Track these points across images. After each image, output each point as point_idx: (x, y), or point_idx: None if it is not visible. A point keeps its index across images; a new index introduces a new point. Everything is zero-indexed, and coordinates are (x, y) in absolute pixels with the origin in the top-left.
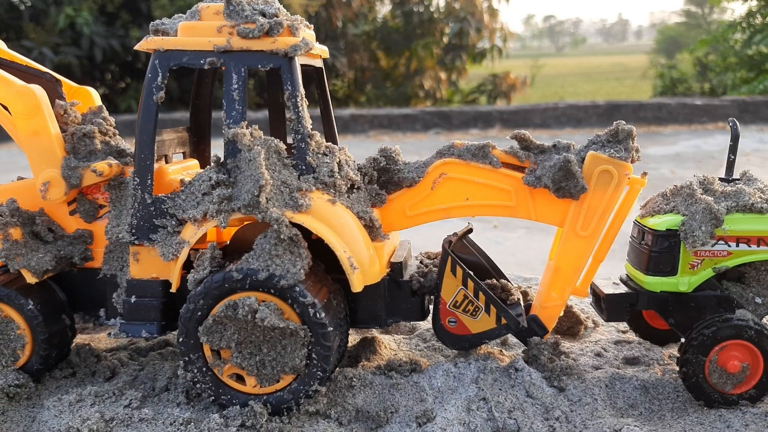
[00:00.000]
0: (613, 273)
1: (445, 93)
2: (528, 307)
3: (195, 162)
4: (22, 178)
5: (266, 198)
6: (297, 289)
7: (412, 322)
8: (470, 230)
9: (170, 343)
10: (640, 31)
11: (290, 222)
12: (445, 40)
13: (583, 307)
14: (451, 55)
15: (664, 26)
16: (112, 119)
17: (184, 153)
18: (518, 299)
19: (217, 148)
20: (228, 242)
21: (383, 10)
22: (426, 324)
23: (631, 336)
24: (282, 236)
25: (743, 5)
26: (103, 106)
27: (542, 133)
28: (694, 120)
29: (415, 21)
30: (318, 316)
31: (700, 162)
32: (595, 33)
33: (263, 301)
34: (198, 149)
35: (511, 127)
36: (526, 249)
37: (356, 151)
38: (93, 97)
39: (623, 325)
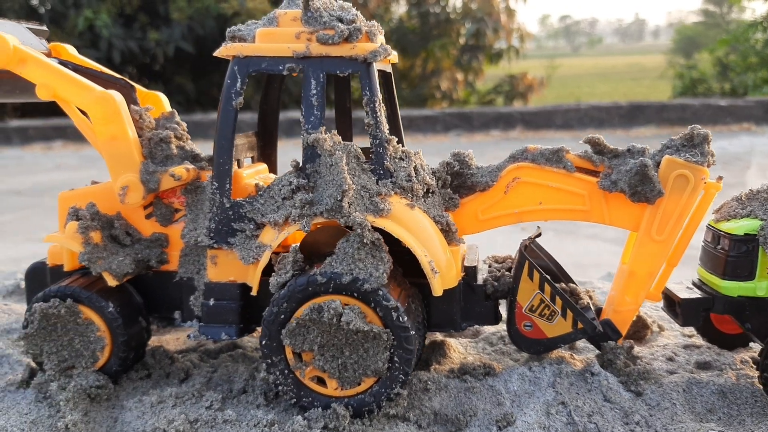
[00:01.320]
0: (677, 277)
1: (461, 94)
2: (596, 311)
3: (264, 166)
4: (96, 182)
5: (348, 202)
6: (380, 292)
7: (476, 326)
8: (539, 234)
9: (239, 345)
10: (657, 30)
11: (372, 226)
12: (462, 40)
13: (647, 310)
14: (468, 56)
15: (682, 26)
16: (184, 124)
17: (252, 157)
18: (588, 303)
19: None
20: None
21: (399, 10)
22: (490, 328)
23: (698, 340)
24: (365, 240)
25: (764, 4)
26: (175, 111)
27: (564, 135)
28: (718, 121)
29: (431, 21)
30: (401, 319)
31: (727, 164)
32: (611, 33)
33: (346, 305)
34: (265, 153)
35: (532, 128)
36: (558, 254)
37: None
38: (163, 102)
39: (688, 330)
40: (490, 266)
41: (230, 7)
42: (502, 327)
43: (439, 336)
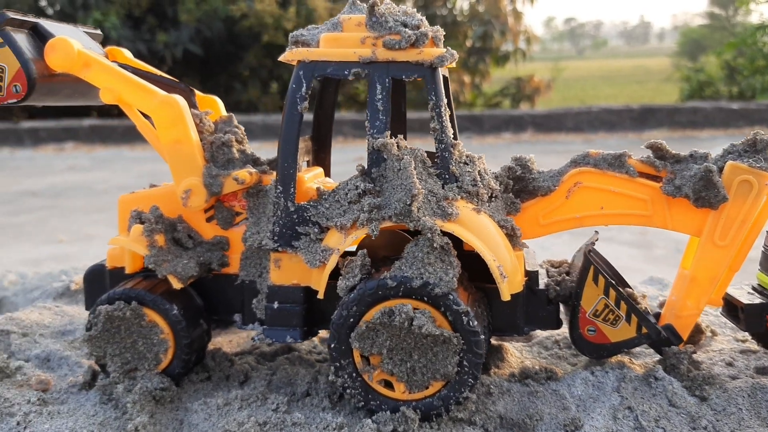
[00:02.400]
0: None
1: (468, 96)
2: (654, 315)
3: (320, 170)
4: (154, 185)
5: (417, 207)
6: (450, 296)
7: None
8: (596, 239)
9: (294, 348)
10: (663, 33)
11: (440, 231)
12: (469, 43)
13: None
14: (475, 58)
15: (687, 28)
16: (242, 128)
17: (308, 161)
18: (646, 308)
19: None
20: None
21: None
22: (543, 332)
23: (753, 345)
24: (435, 245)
25: None
26: (233, 115)
27: (576, 138)
28: (730, 124)
29: (438, 24)
30: (471, 324)
31: None
32: (616, 35)
33: (417, 309)
34: (319, 157)
35: (543, 131)
36: (571, 255)
37: None
38: (219, 105)
39: (741, 334)
40: (548, 271)
41: (238, 9)
42: (555, 331)
43: (492, 340)
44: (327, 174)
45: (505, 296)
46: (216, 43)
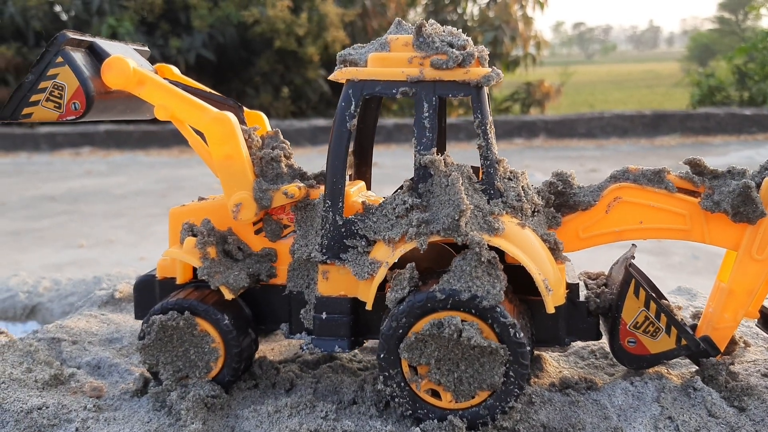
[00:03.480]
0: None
1: None
2: (691, 327)
3: (362, 183)
4: (203, 198)
5: (465, 222)
6: (498, 309)
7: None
8: (634, 253)
9: (336, 357)
10: (672, 38)
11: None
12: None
13: None
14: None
15: (697, 33)
16: (288, 143)
17: (350, 175)
18: (682, 319)
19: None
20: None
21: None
22: (580, 343)
23: None
24: (482, 259)
25: None
26: (279, 131)
27: (588, 143)
28: (743, 130)
29: None
30: (517, 336)
31: None
32: (625, 40)
33: (465, 321)
34: (360, 171)
35: (555, 136)
36: (591, 263)
37: (402, 160)
38: (265, 121)
39: None
40: (585, 283)
41: (250, 15)
42: (592, 342)
43: None
44: (368, 188)
45: (550, 309)
46: (228, 49)
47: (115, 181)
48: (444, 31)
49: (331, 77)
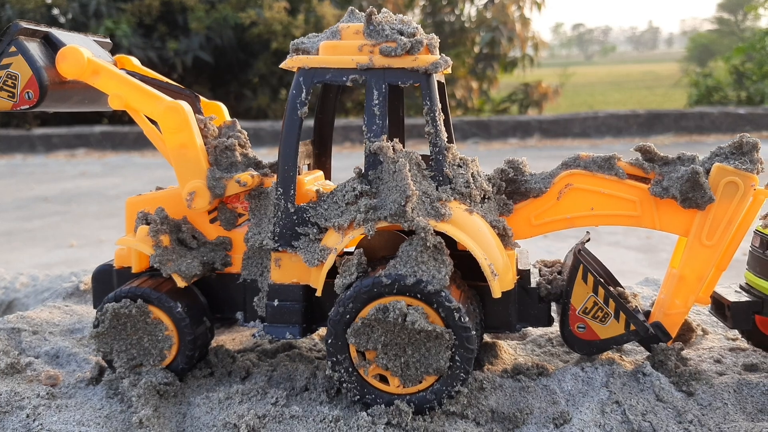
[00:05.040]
0: (723, 281)
1: (476, 102)
2: (644, 313)
3: (320, 173)
4: (160, 188)
5: (411, 208)
6: (443, 294)
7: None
8: (588, 239)
9: (295, 345)
10: (671, 38)
11: (434, 230)
12: (477, 49)
13: (690, 314)
14: (483, 65)
15: (696, 34)
16: (245, 132)
17: (308, 164)
18: (636, 306)
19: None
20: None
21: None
22: (537, 330)
23: (743, 343)
24: (428, 244)
25: None
26: (236, 120)
27: (582, 143)
28: (737, 129)
29: (446, 31)
30: (463, 320)
31: None
32: (624, 41)
33: (410, 305)
34: (320, 161)
35: (550, 136)
36: (563, 252)
37: None
38: (223, 111)
39: (732, 333)
40: (540, 270)
41: (248, 17)
42: (548, 329)
43: (488, 337)
44: (327, 177)
45: (496, 293)
46: (226, 51)
47: (109, 182)
48: (395, 20)
49: (282, 65)
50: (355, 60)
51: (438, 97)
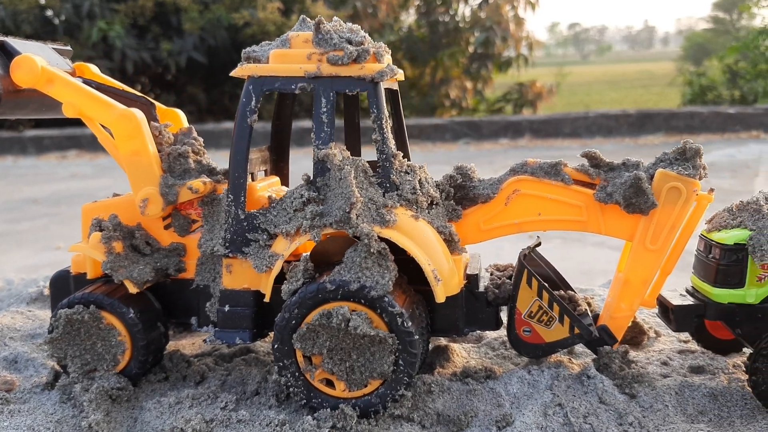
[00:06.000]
0: (676, 284)
1: (470, 102)
2: (594, 317)
3: (276, 179)
4: (117, 195)
5: (356, 214)
6: (386, 299)
7: (479, 332)
8: (539, 244)
9: (252, 350)
10: (667, 38)
11: (378, 236)
12: (471, 49)
13: (644, 317)
14: (477, 65)
15: (692, 33)
16: (201, 139)
17: (265, 171)
18: (585, 310)
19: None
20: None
21: (409, 20)
22: (493, 333)
23: (693, 346)
24: (372, 250)
25: None
26: (192, 128)
27: (572, 143)
28: (726, 129)
29: (440, 31)
30: (405, 325)
31: (735, 171)
32: (620, 40)
33: (354, 311)
34: (277, 167)
35: (541, 136)
36: (563, 260)
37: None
38: (181, 118)
39: (685, 335)
40: (492, 274)
41: (241, 17)
42: (504, 332)
43: (443, 341)
44: (285, 183)
45: (439, 298)
46: (220, 52)
47: (100, 184)
48: (344, 29)
49: (232, 73)
50: (304, 68)
51: (384, 105)
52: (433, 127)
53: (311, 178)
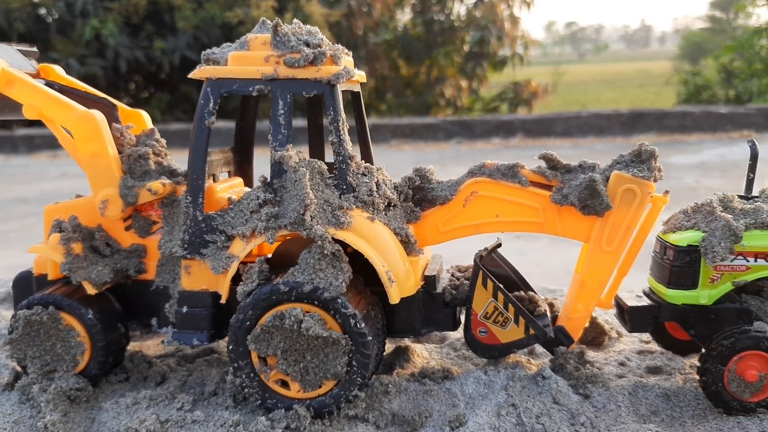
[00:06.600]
0: (638, 286)
1: (466, 101)
2: (554, 318)
3: (240, 180)
4: (80, 196)
5: (311, 216)
6: (339, 300)
7: (443, 332)
8: (499, 245)
9: (215, 351)
10: (664, 36)
11: (332, 238)
12: (466, 48)
13: (608, 318)
14: (472, 63)
15: (688, 32)
16: (163, 141)
17: (229, 172)
18: (545, 310)
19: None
20: (270, 256)
21: (404, 18)
22: (456, 334)
23: (654, 346)
24: (325, 252)
25: None
26: (155, 129)
27: (564, 142)
28: (718, 128)
29: (435, 29)
30: (358, 326)
31: (725, 171)
32: (617, 39)
33: (308, 312)
34: (242, 168)
35: (533, 136)
36: (550, 259)
37: (379, 160)
38: (145, 119)
39: (646, 336)
40: (453, 275)
41: (235, 16)
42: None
43: (407, 342)
44: (249, 184)
45: (393, 299)
46: None
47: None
48: (303, 31)
49: (190, 75)
50: (261, 71)
51: (341, 107)
52: (426, 127)
53: (268, 179)
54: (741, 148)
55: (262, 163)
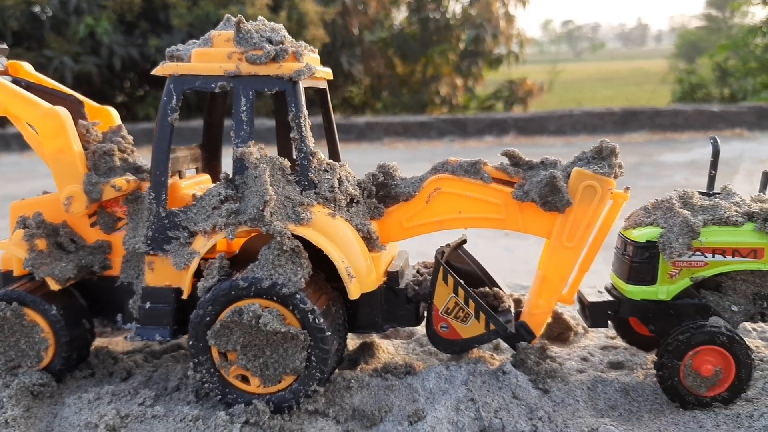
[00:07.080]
0: (602, 282)
1: (461, 99)
2: (518, 313)
3: (207, 177)
4: (47, 192)
5: (270, 212)
6: (298, 296)
7: (409, 328)
8: (464, 241)
9: (182, 347)
10: (660, 35)
11: (292, 234)
12: (462, 46)
13: (574, 314)
14: (468, 62)
15: (684, 30)
16: (130, 137)
17: (196, 168)
18: (509, 306)
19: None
20: (237, 252)
21: (399, 16)
22: (422, 329)
23: (618, 342)
24: (284, 247)
25: (764, 9)
26: (122, 125)
27: (557, 140)
28: (711, 126)
29: (431, 28)
30: (317, 321)
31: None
32: (614, 37)
33: (266, 308)
34: (210, 165)
35: (526, 134)
36: (538, 257)
37: (371, 158)
38: (113, 116)
39: (612, 332)
40: (418, 271)
41: (230, 13)
42: None
43: (374, 337)
44: (217, 181)
45: (353, 295)
46: None
47: None
48: (267, 28)
49: (153, 72)
50: (223, 67)
51: (303, 104)
52: (419, 125)
53: (230, 176)
54: (732, 146)
55: (231, 160)
